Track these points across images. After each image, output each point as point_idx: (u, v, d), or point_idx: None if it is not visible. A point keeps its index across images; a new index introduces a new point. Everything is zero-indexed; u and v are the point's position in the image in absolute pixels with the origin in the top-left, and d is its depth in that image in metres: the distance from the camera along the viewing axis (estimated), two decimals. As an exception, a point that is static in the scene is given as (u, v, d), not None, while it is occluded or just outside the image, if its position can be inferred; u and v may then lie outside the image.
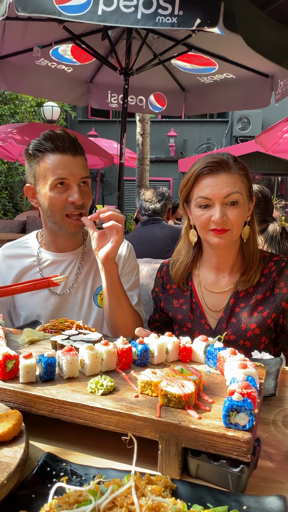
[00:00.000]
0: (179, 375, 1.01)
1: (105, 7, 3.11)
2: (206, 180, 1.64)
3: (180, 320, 1.84)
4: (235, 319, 1.72)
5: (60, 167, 1.70)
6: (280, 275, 1.72)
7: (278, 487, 0.87)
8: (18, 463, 0.80)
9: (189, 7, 3.08)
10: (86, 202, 1.78)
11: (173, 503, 0.72)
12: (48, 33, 4.61)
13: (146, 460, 0.93)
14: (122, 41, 5.04)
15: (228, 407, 0.86)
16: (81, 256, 1.94)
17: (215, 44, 4.70)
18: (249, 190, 1.70)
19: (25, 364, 1.05)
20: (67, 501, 0.72)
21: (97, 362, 1.11)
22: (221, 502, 0.79)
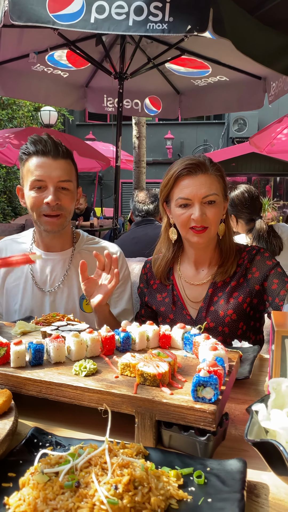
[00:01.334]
0: (156, 357, 1.11)
1: (98, 15, 3.20)
2: (185, 181, 1.75)
3: (163, 312, 1.95)
4: (213, 307, 1.84)
5: (38, 169, 1.79)
6: (252, 262, 1.85)
7: (242, 454, 0.97)
8: (7, 433, 0.90)
9: (179, 14, 3.18)
10: (63, 204, 1.83)
11: (143, 463, 0.81)
12: (44, 39, 4.72)
13: (125, 434, 1.03)
14: (116, 46, 5.15)
15: (195, 382, 0.96)
16: (70, 258, 2.00)
17: (208, 47, 4.80)
18: (224, 190, 1.81)
19: (15, 350, 1.15)
20: (49, 462, 0.82)
21: (82, 348, 1.21)
22: (188, 465, 0.89)
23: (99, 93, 6.05)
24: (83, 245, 2.05)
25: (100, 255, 1.72)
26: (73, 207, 1.91)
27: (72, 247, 2.03)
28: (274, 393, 0.94)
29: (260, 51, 3.63)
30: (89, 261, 1.95)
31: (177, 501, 0.79)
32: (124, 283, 2.07)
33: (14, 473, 0.86)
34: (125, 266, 2.10)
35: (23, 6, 3.12)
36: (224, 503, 0.77)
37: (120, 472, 0.77)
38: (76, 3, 3.21)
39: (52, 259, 1.99)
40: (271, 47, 3.74)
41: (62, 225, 1.87)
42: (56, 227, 1.86)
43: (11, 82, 5.36)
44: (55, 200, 1.79)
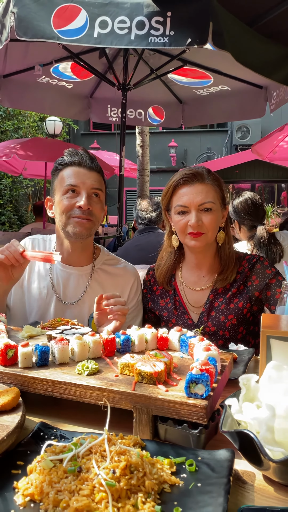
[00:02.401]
0: (153, 357, 1.20)
1: (101, 29, 3.31)
2: (183, 190, 1.86)
3: (165, 317, 2.04)
4: (214, 312, 1.92)
5: (73, 176, 1.86)
6: (252, 270, 1.94)
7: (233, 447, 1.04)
8: (16, 425, 0.99)
9: (179, 27, 3.28)
10: (94, 210, 1.88)
11: (138, 451, 0.89)
12: (49, 52, 4.84)
13: (124, 429, 1.10)
14: (120, 58, 5.27)
15: (188, 379, 1.04)
16: (90, 275, 2.01)
17: (209, 58, 4.90)
18: (222, 198, 1.90)
19: (23, 351, 1.24)
20: (53, 450, 0.91)
21: (85, 350, 1.30)
22: (181, 455, 0.97)
23: (103, 103, 6.16)
24: (102, 263, 2.06)
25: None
26: (101, 217, 1.96)
27: (91, 264, 2.04)
28: (245, 388, 1.03)
29: (260, 62, 3.73)
30: (108, 281, 2.02)
31: (169, 486, 0.87)
32: (138, 307, 2.11)
33: (23, 461, 0.94)
34: (139, 292, 2.12)
35: (29, 23, 3.24)
36: (212, 487, 0.85)
37: (117, 458, 0.85)
38: (80, 19, 3.33)
39: (68, 272, 2.00)
40: (270, 58, 3.83)
41: (90, 230, 1.89)
42: (85, 230, 1.87)
43: (17, 94, 5.49)
44: (87, 204, 1.83)
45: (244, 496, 0.89)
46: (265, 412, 0.89)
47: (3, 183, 12.65)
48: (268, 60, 3.82)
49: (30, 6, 3.26)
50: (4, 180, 12.66)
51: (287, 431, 0.89)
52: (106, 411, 0.97)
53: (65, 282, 2.00)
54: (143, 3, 3.25)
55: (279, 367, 1.01)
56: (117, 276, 2.05)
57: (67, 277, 2.00)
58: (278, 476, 0.88)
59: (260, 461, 0.87)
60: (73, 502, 0.78)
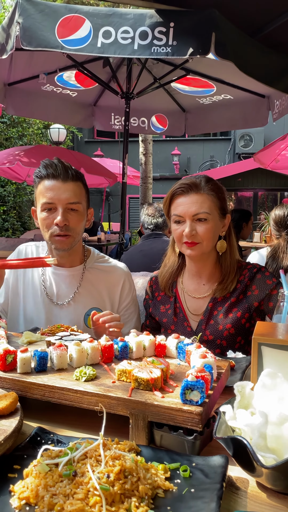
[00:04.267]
0: (150, 364, 1.21)
1: (104, 39, 3.36)
2: (179, 200, 1.89)
3: (165, 323, 2.06)
4: (213, 321, 1.94)
5: (49, 191, 1.89)
6: (252, 280, 1.94)
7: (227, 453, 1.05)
8: (13, 430, 1.00)
9: (182, 37, 3.32)
10: (71, 224, 1.92)
11: (133, 456, 0.91)
12: (53, 61, 4.90)
13: (120, 435, 1.12)
14: (123, 67, 5.32)
15: (184, 386, 1.05)
16: (81, 274, 2.08)
17: (212, 67, 4.94)
18: (220, 208, 1.91)
19: (21, 357, 1.25)
20: (50, 455, 0.92)
21: (83, 356, 1.32)
22: (175, 460, 0.98)
23: (106, 111, 6.22)
24: (93, 263, 2.13)
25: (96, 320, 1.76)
26: (82, 227, 2.00)
27: (82, 264, 2.11)
28: (239, 395, 1.04)
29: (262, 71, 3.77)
30: (99, 279, 2.09)
31: (163, 491, 0.88)
32: (133, 305, 2.17)
33: (19, 465, 0.96)
34: (132, 288, 2.19)
35: (33, 33, 3.29)
36: (205, 492, 0.86)
37: (112, 463, 0.87)
38: (84, 29, 3.38)
39: (60, 274, 2.07)
40: (273, 68, 3.87)
41: (71, 244, 1.96)
42: (65, 245, 1.94)
43: (21, 102, 5.54)
44: (63, 221, 1.88)
45: (237, 502, 0.90)
46: (258, 419, 0.90)
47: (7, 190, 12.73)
48: (270, 70, 3.86)
49: (35, 16, 3.31)
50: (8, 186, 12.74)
51: (279, 438, 0.90)
52: (102, 417, 0.98)
53: (57, 283, 2.07)
54: (146, 14, 3.30)
55: (273, 374, 1.02)
56: (108, 272, 2.13)
57: (59, 278, 2.07)
58: (270, 483, 0.89)
59: (253, 468, 0.88)
60: (68, 506, 0.79)
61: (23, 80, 5.24)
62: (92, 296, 2.06)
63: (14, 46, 3.36)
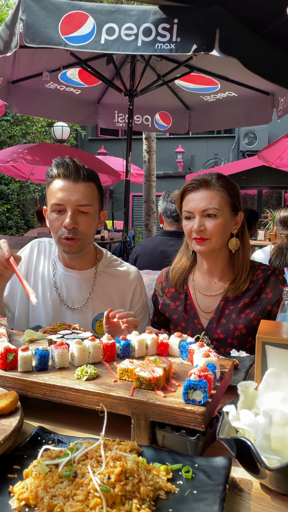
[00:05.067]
0: (152, 363, 1.19)
1: (108, 36, 3.34)
2: (189, 196, 1.90)
3: (175, 320, 2.04)
4: (224, 319, 1.92)
5: (59, 192, 1.82)
6: (267, 282, 1.91)
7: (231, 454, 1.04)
8: (13, 429, 0.99)
9: (186, 34, 3.30)
10: (80, 227, 1.85)
11: (134, 457, 0.89)
12: (56, 58, 4.88)
13: (122, 435, 1.10)
14: (127, 64, 5.30)
15: (186, 385, 1.04)
16: (93, 279, 2.02)
17: (216, 64, 4.91)
18: (232, 205, 1.89)
19: (22, 355, 1.24)
20: (50, 455, 0.91)
21: (84, 354, 1.30)
22: (177, 461, 0.97)
23: (110, 109, 6.20)
24: (105, 266, 2.07)
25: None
26: (92, 230, 1.92)
27: (94, 268, 2.04)
28: (243, 395, 1.02)
29: (267, 68, 3.74)
30: (111, 284, 2.03)
31: (165, 492, 0.86)
32: (144, 310, 2.11)
33: (19, 465, 0.94)
34: (144, 293, 2.13)
35: (37, 30, 3.28)
36: (207, 494, 0.85)
37: (113, 464, 0.85)
38: (87, 25, 3.36)
39: (71, 277, 2.02)
40: (277, 65, 3.84)
41: (79, 247, 1.89)
42: (73, 249, 1.89)
43: (25, 100, 5.53)
44: (71, 224, 1.81)
45: (241, 504, 0.88)
46: (262, 420, 0.89)
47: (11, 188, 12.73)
48: (275, 66, 3.83)
49: (38, 13, 3.29)
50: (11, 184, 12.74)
51: (284, 439, 0.89)
52: (103, 416, 0.97)
53: (69, 286, 2.01)
54: (150, 10, 3.27)
55: (278, 374, 1.00)
56: (120, 278, 2.06)
57: (70, 281, 2.01)
58: (274, 485, 0.87)
59: (257, 469, 0.86)
60: (67, 508, 0.77)
61: (26, 78, 5.22)
62: (103, 302, 2.00)
63: (18, 43, 3.34)
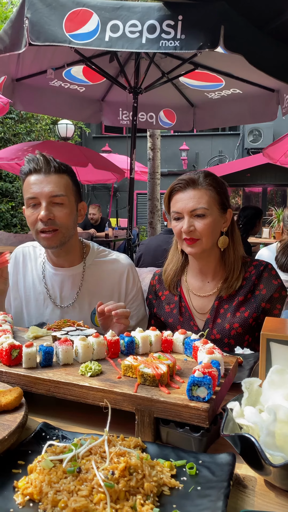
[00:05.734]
0: (156, 360, 1.20)
1: (112, 33, 3.33)
2: (177, 196, 1.86)
3: (171, 323, 2.02)
4: (220, 319, 1.90)
5: (31, 186, 1.81)
6: (260, 278, 1.89)
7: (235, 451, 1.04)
8: (17, 425, 0.99)
9: (190, 31, 3.28)
10: (57, 218, 1.81)
11: (138, 453, 0.89)
12: (61, 55, 4.88)
13: (126, 431, 1.11)
14: (131, 61, 5.29)
15: (190, 382, 1.04)
16: (82, 274, 2.01)
17: (221, 61, 4.89)
18: (220, 203, 1.86)
19: (26, 351, 1.24)
20: (54, 451, 0.91)
21: (88, 351, 1.30)
22: (181, 458, 0.97)
23: (114, 107, 6.19)
24: (94, 259, 2.06)
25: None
26: (71, 222, 1.88)
27: (82, 263, 2.03)
28: (247, 392, 1.02)
29: (272, 64, 3.72)
30: (101, 275, 2.02)
31: (169, 488, 0.87)
32: (139, 297, 2.10)
33: (24, 461, 0.95)
34: (137, 279, 2.11)
35: (41, 27, 3.28)
36: (211, 491, 0.85)
37: (117, 460, 0.85)
38: (92, 22, 3.35)
39: (61, 275, 2.01)
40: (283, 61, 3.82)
41: (60, 240, 1.85)
42: (53, 242, 1.84)
43: (29, 97, 5.53)
44: (47, 215, 1.78)
45: (244, 501, 0.88)
46: (266, 417, 0.88)
47: (15, 186, 12.76)
48: (280, 63, 3.81)
49: (43, 10, 3.29)
50: (16, 182, 12.77)
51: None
52: (107, 413, 0.97)
53: (60, 285, 2.01)
54: (155, 7, 3.26)
55: (282, 371, 1.00)
56: (109, 267, 2.04)
57: (61, 279, 2.01)
58: (278, 481, 0.87)
59: (261, 466, 0.86)
60: (72, 503, 0.78)
61: (31, 76, 5.22)
62: (96, 294, 1.99)
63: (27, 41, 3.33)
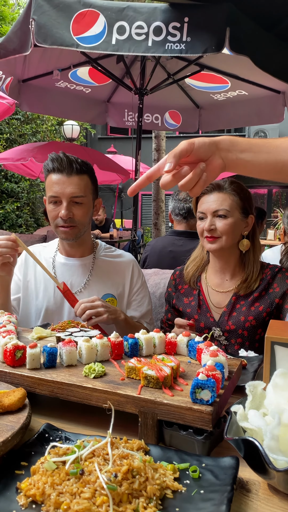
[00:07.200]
0: (160, 362, 1.19)
1: (118, 35, 3.33)
2: (203, 198, 2.06)
3: (189, 313, 2.16)
4: (235, 313, 2.04)
5: (54, 186, 1.96)
6: (274, 278, 2.05)
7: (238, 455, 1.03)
8: (20, 426, 0.99)
9: (196, 33, 3.28)
10: (76, 216, 1.99)
11: (141, 455, 0.89)
12: (67, 57, 4.89)
13: (129, 433, 1.10)
14: (137, 63, 5.30)
15: (194, 385, 1.03)
16: (92, 264, 2.16)
17: (226, 63, 4.89)
18: (242, 208, 2.03)
19: (30, 352, 1.24)
20: (57, 452, 0.91)
21: (92, 352, 1.30)
22: (185, 461, 0.96)
23: (120, 108, 6.20)
24: (101, 253, 2.22)
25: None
26: (87, 219, 2.07)
27: (92, 254, 2.19)
28: (251, 395, 1.02)
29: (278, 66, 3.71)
30: (109, 266, 2.18)
31: (172, 492, 0.86)
32: (143, 289, 2.25)
33: (27, 462, 0.95)
34: (141, 273, 2.27)
35: (48, 30, 3.28)
36: (215, 494, 0.84)
37: (120, 462, 0.85)
38: (98, 24, 3.35)
39: (72, 264, 2.14)
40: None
41: (76, 234, 2.04)
42: (70, 236, 2.03)
43: (35, 98, 5.55)
44: (67, 214, 1.96)
45: (248, 505, 0.88)
46: (270, 420, 0.88)
47: (21, 186, 12.78)
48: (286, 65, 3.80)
49: (50, 12, 3.29)
50: (21, 183, 12.79)
51: (292, 440, 0.88)
52: (111, 414, 0.96)
53: (70, 274, 2.12)
54: (160, 8, 3.26)
55: (286, 374, 1.00)
56: (116, 260, 2.22)
57: (71, 269, 2.14)
58: (282, 486, 0.87)
59: (265, 470, 0.86)
60: (74, 505, 0.77)
61: (37, 77, 5.24)
62: (104, 283, 2.13)
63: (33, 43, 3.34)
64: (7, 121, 12.10)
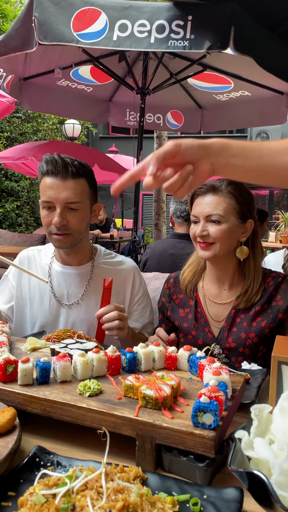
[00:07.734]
0: (159, 380, 1.12)
1: (120, 32, 3.27)
2: (197, 200, 1.87)
3: (185, 328, 1.96)
4: (235, 328, 1.84)
5: (48, 190, 1.84)
6: (277, 289, 1.85)
7: (242, 483, 0.97)
8: (8, 452, 0.92)
9: (200, 31, 3.22)
10: (70, 223, 1.86)
11: (138, 488, 0.82)
12: (68, 55, 4.83)
13: (126, 456, 1.04)
14: (139, 62, 5.23)
15: (196, 407, 0.96)
16: (90, 273, 2.03)
17: (229, 63, 4.82)
18: (239, 212, 1.81)
19: (22, 367, 1.18)
20: (47, 483, 0.84)
21: (88, 368, 1.23)
22: (185, 491, 0.89)
23: (121, 107, 6.13)
24: (101, 260, 2.09)
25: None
26: (84, 226, 1.93)
27: (90, 262, 2.06)
28: (257, 419, 0.94)
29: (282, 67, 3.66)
30: (108, 274, 2.00)
31: (171, 528, 0.79)
32: (145, 299, 2.13)
33: (14, 492, 0.88)
34: (143, 281, 2.14)
35: (49, 27, 3.23)
36: (217, 533, 0.77)
37: (114, 497, 0.78)
38: (100, 22, 3.30)
39: (69, 273, 2.02)
40: (293, 64, 3.75)
41: (71, 243, 1.91)
42: (64, 244, 1.90)
43: (36, 97, 5.48)
44: (61, 221, 1.83)
45: None
46: (278, 451, 0.81)
47: (21, 185, 12.71)
48: (290, 66, 3.74)
49: (51, 9, 3.25)
50: (21, 182, 12.72)
51: (302, 474, 0.81)
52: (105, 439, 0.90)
53: (67, 283, 2.01)
54: (164, 7, 3.21)
55: (294, 399, 0.93)
56: (116, 267, 2.09)
57: (68, 278, 2.02)
58: (291, 524, 0.80)
59: (271, 504, 0.79)
60: None
61: (38, 75, 5.18)
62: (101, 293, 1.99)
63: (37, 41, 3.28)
64: (8, 119, 12.03)
